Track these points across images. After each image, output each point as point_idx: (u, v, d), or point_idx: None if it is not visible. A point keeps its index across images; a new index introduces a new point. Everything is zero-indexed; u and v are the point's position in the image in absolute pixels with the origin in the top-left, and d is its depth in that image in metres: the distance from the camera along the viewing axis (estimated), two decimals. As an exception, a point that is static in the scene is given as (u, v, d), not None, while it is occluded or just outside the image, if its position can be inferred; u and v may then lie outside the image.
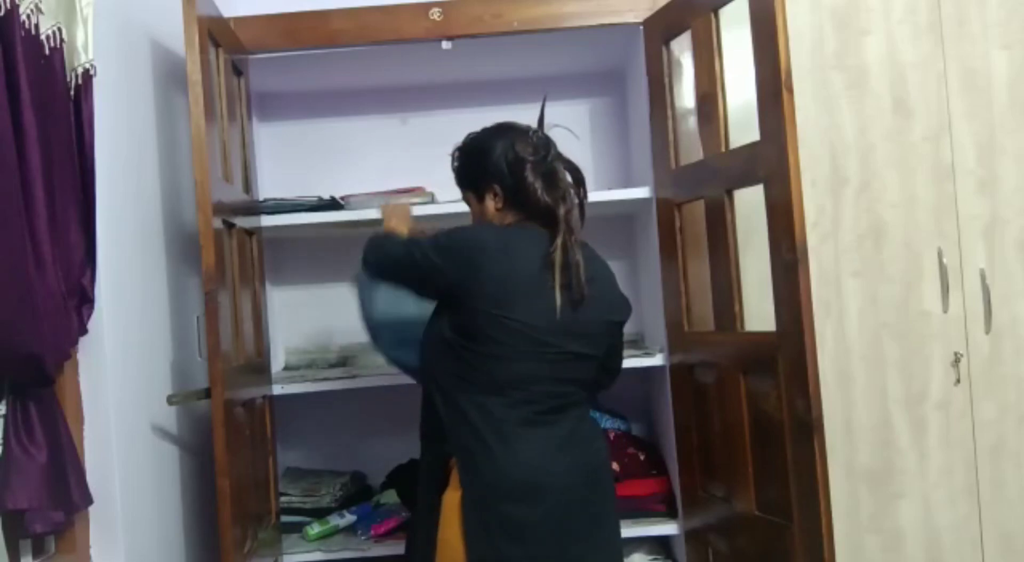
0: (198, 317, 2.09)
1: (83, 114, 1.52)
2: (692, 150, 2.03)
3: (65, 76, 1.49)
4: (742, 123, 1.85)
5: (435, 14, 2.15)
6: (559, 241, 1.48)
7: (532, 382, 1.49)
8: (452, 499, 1.50)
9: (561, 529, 1.48)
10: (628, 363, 2.19)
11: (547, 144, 1.55)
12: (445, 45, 2.17)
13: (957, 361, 2.12)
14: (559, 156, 1.57)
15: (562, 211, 1.50)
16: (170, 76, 2.06)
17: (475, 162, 1.61)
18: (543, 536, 1.47)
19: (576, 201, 1.57)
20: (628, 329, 2.55)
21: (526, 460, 1.47)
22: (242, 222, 2.00)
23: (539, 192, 1.51)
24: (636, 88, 2.36)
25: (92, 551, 1.59)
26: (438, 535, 1.51)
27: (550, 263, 1.47)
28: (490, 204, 1.59)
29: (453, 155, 1.67)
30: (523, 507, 1.46)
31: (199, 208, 1.70)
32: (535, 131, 1.57)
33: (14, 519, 1.45)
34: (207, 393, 1.76)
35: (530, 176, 1.51)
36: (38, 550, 1.54)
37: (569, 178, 1.57)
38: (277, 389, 2.22)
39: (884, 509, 2.13)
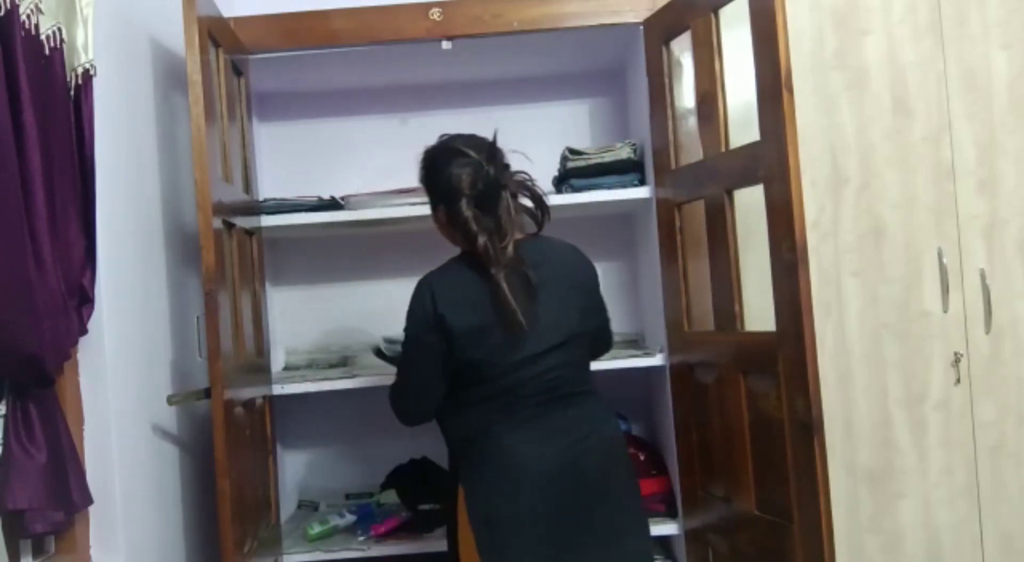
0: (198, 317, 2.09)
1: (83, 114, 1.52)
2: (692, 150, 2.03)
3: (65, 76, 1.48)
4: (742, 123, 1.85)
5: (435, 14, 2.15)
6: (495, 279, 1.52)
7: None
8: None
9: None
10: (628, 363, 2.21)
11: (488, 178, 1.54)
12: (445, 45, 2.17)
13: (957, 361, 2.12)
14: (511, 184, 1.57)
15: (482, 242, 1.52)
16: (170, 76, 2.06)
17: (427, 177, 1.67)
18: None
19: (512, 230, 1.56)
20: (628, 329, 2.61)
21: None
22: (242, 222, 2.00)
23: (469, 224, 1.53)
24: (636, 88, 2.36)
25: (92, 551, 1.59)
26: None
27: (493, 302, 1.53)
28: (441, 217, 1.64)
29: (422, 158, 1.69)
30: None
31: (199, 208, 1.70)
32: (485, 164, 1.55)
33: (14, 519, 1.44)
34: (207, 393, 1.76)
35: (464, 210, 1.54)
36: (38, 550, 1.54)
37: (512, 204, 1.57)
38: (277, 389, 2.22)
39: (884, 509, 2.13)
